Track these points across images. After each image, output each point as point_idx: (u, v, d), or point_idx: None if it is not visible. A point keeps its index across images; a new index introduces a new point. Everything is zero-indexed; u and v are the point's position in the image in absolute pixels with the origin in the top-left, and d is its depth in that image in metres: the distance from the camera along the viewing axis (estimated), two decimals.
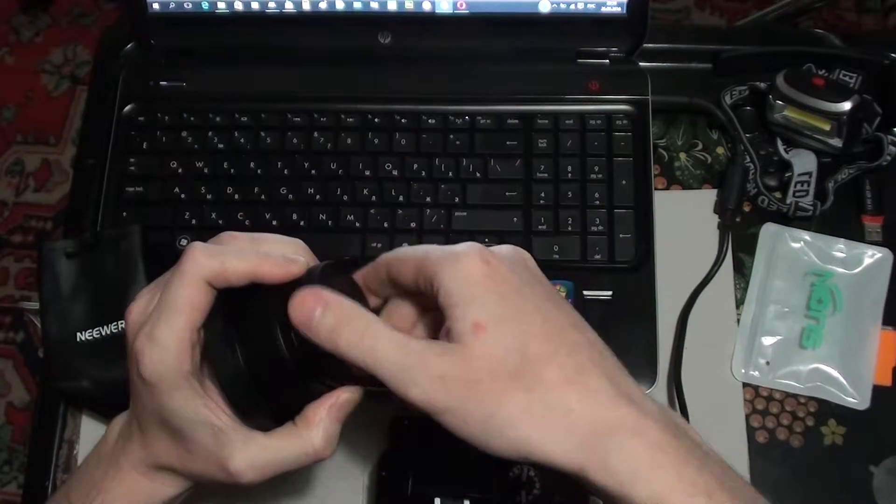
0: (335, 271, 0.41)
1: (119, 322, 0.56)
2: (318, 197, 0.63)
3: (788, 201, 0.63)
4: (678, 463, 0.34)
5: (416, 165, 0.64)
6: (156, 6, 0.66)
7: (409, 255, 0.39)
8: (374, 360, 0.36)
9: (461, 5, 0.65)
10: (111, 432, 0.44)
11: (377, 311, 0.42)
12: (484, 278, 0.36)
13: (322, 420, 0.40)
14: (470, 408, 0.35)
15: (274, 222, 0.63)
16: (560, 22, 0.65)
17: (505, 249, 0.39)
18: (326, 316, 0.37)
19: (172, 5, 0.66)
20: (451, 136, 0.64)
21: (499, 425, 0.34)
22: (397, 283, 0.40)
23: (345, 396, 0.40)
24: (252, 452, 0.39)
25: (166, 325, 0.38)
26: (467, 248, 0.37)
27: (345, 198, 0.63)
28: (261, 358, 0.39)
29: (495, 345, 0.35)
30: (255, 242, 0.41)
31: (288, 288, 0.39)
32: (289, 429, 0.40)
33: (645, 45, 0.65)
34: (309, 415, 0.40)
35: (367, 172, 0.64)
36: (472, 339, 0.35)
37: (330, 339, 0.36)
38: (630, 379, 0.36)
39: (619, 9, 0.64)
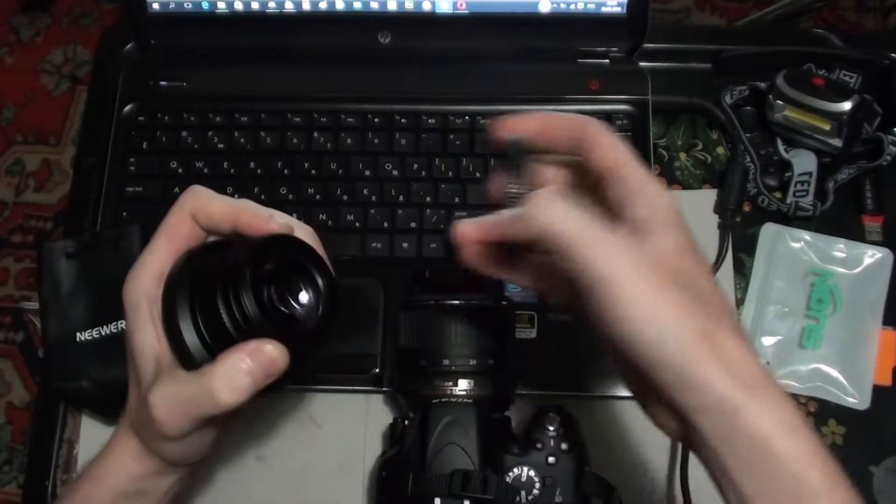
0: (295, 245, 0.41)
1: (119, 322, 0.56)
2: (318, 197, 0.63)
3: (788, 201, 0.63)
4: (810, 429, 0.35)
5: (416, 165, 0.64)
6: (156, 6, 0.66)
7: (602, 138, 0.38)
8: (562, 227, 0.35)
9: (461, 5, 0.65)
10: None
11: None
12: (679, 218, 0.36)
13: (227, 362, 0.38)
14: (637, 281, 0.34)
15: None
16: (560, 22, 0.65)
17: None
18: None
19: (172, 5, 0.66)
20: (451, 136, 0.64)
21: (662, 325, 0.33)
22: (552, 138, 0.41)
23: (267, 349, 0.38)
24: (168, 386, 0.39)
25: (148, 249, 0.41)
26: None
27: (345, 198, 0.63)
28: (202, 306, 0.40)
29: (675, 253, 0.35)
30: (262, 209, 0.42)
31: (255, 243, 0.39)
32: (202, 369, 0.39)
33: (645, 45, 0.65)
34: (220, 357, 0.39)
35: (367, 172, 0.64)
36: (663, 234, 0.35)
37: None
38: None
39: (619, 9, 0.64)
